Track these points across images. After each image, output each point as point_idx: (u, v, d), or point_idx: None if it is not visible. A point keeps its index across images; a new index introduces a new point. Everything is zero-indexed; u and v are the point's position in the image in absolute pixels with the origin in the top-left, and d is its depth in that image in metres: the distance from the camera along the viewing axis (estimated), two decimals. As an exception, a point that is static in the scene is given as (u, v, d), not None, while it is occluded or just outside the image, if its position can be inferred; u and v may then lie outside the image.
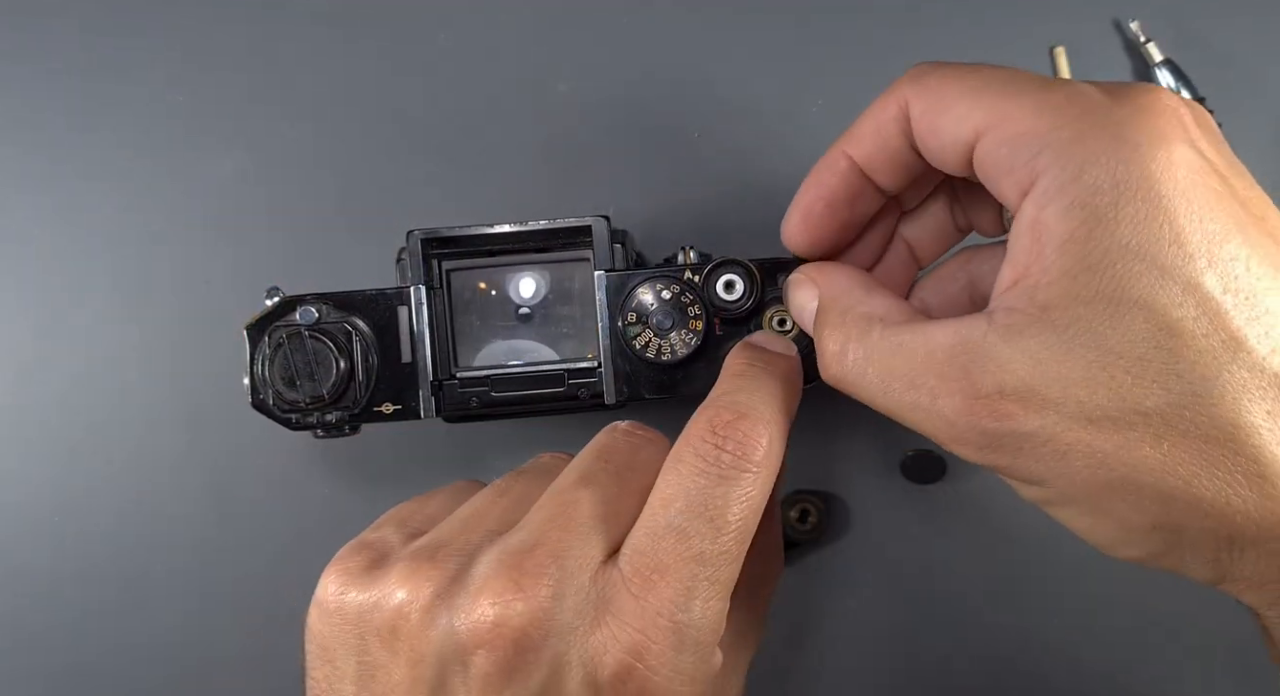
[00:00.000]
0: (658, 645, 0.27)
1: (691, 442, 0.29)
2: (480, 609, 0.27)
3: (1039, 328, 0.26)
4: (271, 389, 0.36)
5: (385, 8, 0.47)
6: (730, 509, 0.28)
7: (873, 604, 0.46)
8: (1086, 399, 0.25)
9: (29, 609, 0.46)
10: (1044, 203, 0.26)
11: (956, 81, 0.28)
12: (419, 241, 0.36)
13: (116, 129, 0.47)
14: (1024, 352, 0.26)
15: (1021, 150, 0.26)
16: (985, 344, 0.26)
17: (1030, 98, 0.27)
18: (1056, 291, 0.25)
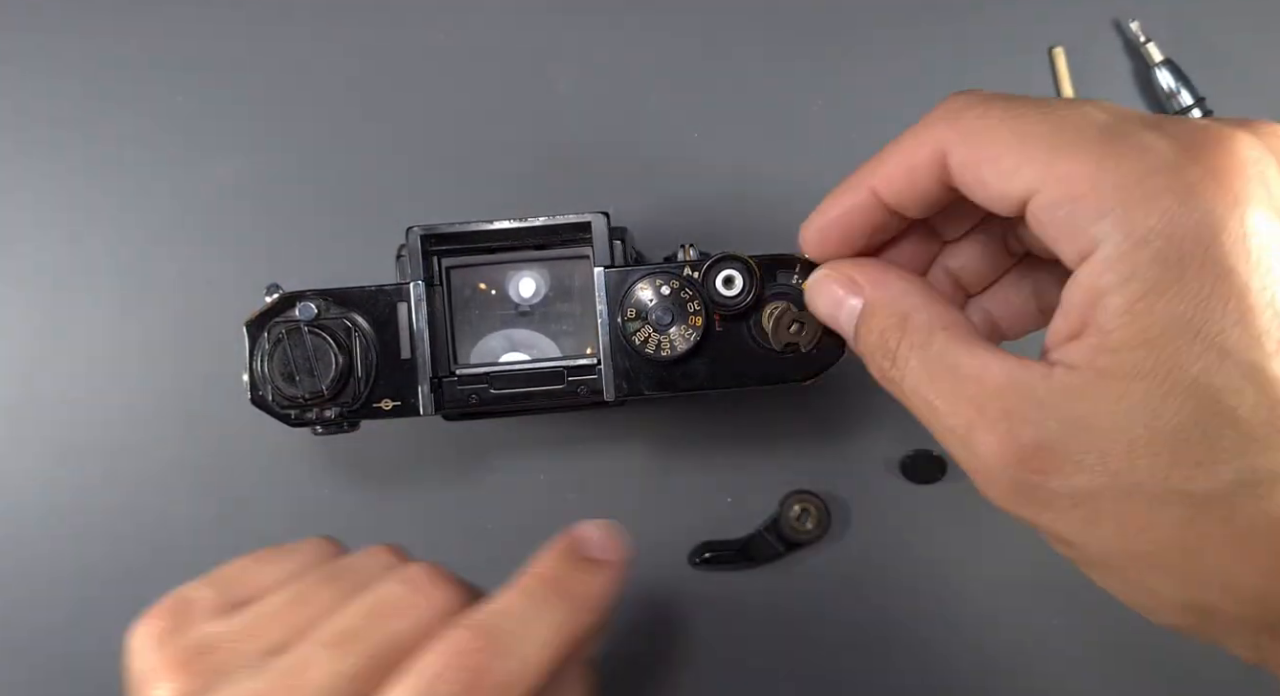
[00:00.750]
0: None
1: (434, 647, 0.27)
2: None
3: (1088, 391, 0.25)
4: (271, 385, 0.36)
5: (385, 7, 0.47)
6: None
7: (873, 604, 0.45)
8: (1124, 471, 0.24)
9: (29, 609, 0.45)
10: (1103, 270, 0.24)
11: (1001, 128, 0.26)
12: (419, 238, 0.36)
13: (117, 129, 0.47)
14: (1069, 412, 0.25)
15: (1080, 216, 0.24)
16: (1035, 394, 0.25)
17: (1088, 154, 0.24)
18: (1110, 361, 0.24)
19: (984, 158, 0.26)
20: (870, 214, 0.30)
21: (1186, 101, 0.45)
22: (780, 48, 0.47)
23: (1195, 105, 0.45)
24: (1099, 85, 0.47)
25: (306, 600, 0.30)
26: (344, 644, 0.27)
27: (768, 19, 0.47)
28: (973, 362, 0.27)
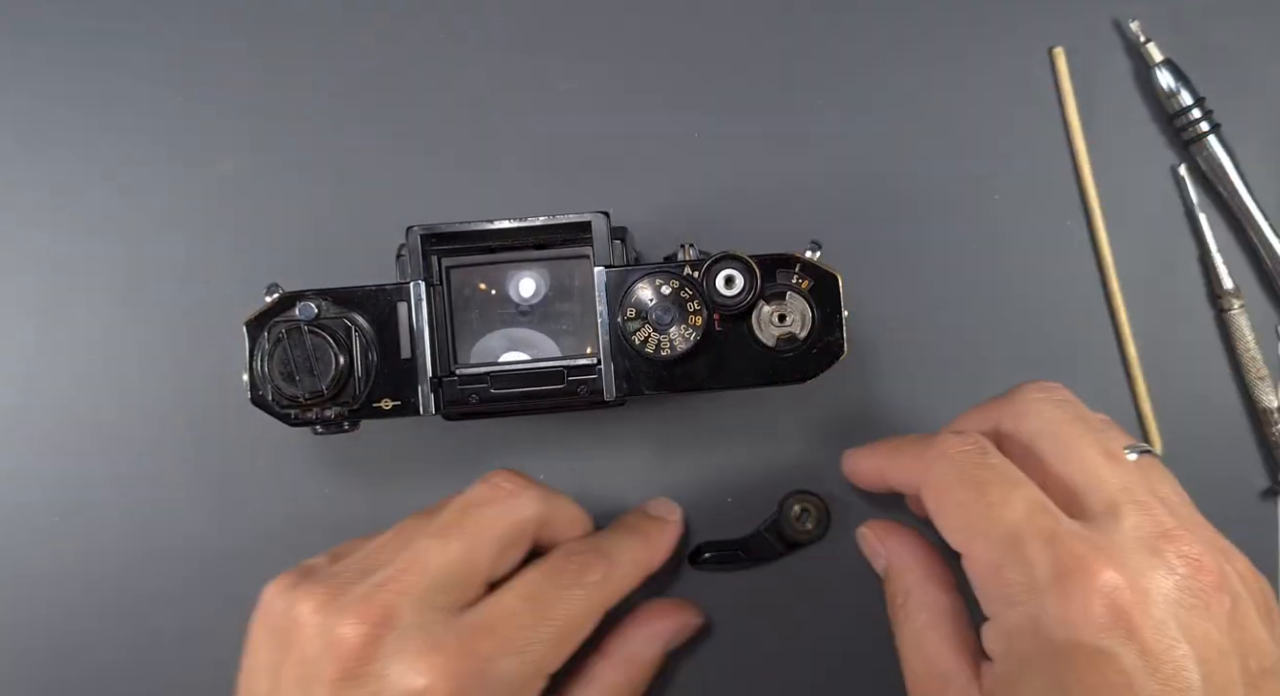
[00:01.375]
0: (467, 680, 0.32)
1: (552, 554, 0.37)
2: (340, 624, 0.33)
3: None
4: (271, 384, 0.36)
5: (385, 6, 0.47)
6: (555, 606, 0.35)
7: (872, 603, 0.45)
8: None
9: (29, 609, 0.45)
10: (990, 639, 0.32)
11: (950, 497, 0.34)
12: (419, 237, 0.36)
13: (116, 128, 0.47)
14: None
15: (982, 594, 0.32)
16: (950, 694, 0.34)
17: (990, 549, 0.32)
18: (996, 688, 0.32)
19: (936, 513, 0.34)
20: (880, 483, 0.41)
21: (1186, 101, 0.45)
22: (781, 48, 0.47)
23: (1195, 105, 0.45)
24: (1099, 85, 0.47)
25: (406, 530, 0.37)
26: (447, 532, 0.35)
27: (768, 19, 0.47)
28: (931, 649, 0.36)
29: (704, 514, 0.45)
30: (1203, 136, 0.45)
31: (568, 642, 0.36)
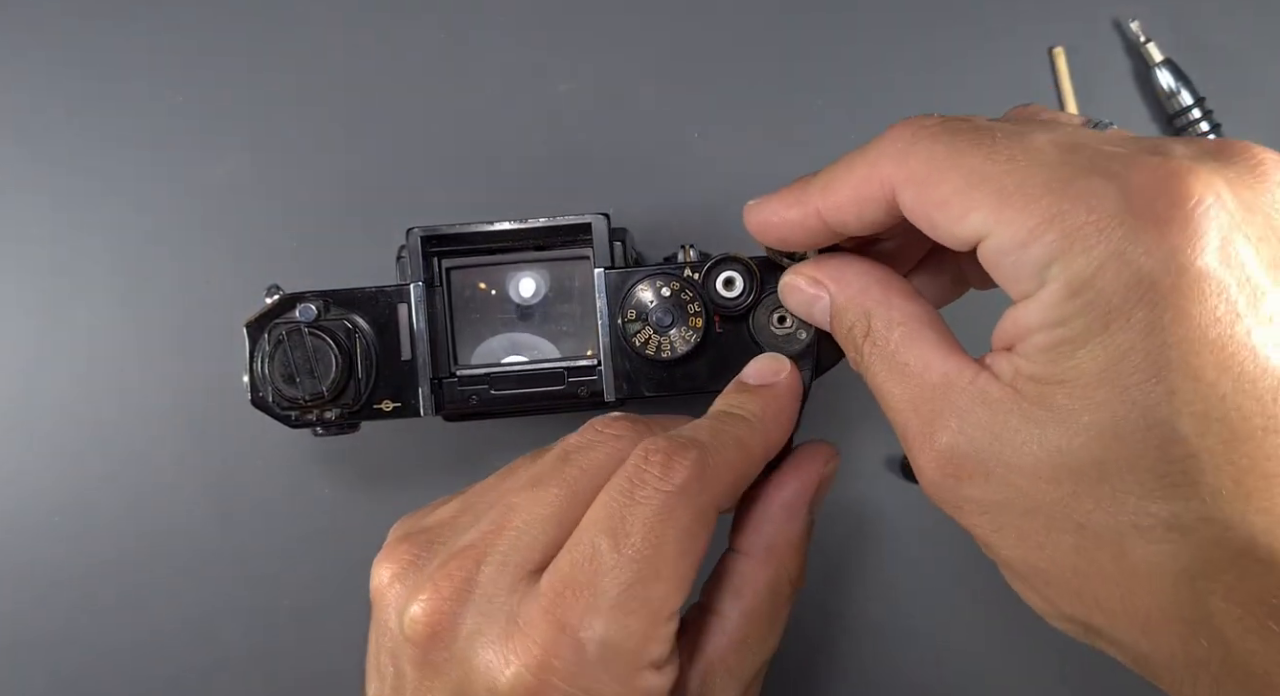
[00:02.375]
0: (560, 661, 0.27)
1: (624, 465, 0.30)
2: (412, 600, 0.29)
3: (1006, 408, 0.26)
4: (271, 386, 0.36)
5: (385, 6, 0.47)
6: (650, 529, 0.28)
7: (872, 603, 0.46)
8: (1027, 490, 0.25)
9: (29, 609, 0.45)
10: (1036, 313, 0.25)
11: (948, 169, 0.26)
12: (419, 239, 0.36)
13: (116, 129, 0.47)
14: (985, 424, 0.26)
15: (1025, 264, 0.25)
16: (961, 399, 0.27)
17: (1034, 202, 0.25)
18: (1031, 389, 0.25)
19: (932, 201, 0.26)
20: (811, 231, 0.31)
21: (1186, 101, 0.45)
22: (781, 48, 0.47)
23: (1195, 105, 0.45)
24: (1099, 85, 0.47)
25: (508, 474, 0.33)
26: (537, 485, 0.30)
27: (768, 19, 0.47)
28: (918, 361, 0.28)
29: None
30: (1203, 136, 0.45)
31: (674, 570, 0.28)
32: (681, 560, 0.28)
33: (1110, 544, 0.25)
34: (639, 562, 0.28)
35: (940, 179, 0.26)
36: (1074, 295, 0.24)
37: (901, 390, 0.28)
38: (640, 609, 0.28)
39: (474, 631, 0.28)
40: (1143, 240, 0.23)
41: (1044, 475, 0.25)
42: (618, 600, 0.27)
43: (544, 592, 0.28)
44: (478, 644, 0.28)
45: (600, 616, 0.27)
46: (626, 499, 0.28)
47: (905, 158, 0.27)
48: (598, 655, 0.27)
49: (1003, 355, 0.26)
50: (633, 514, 0.28)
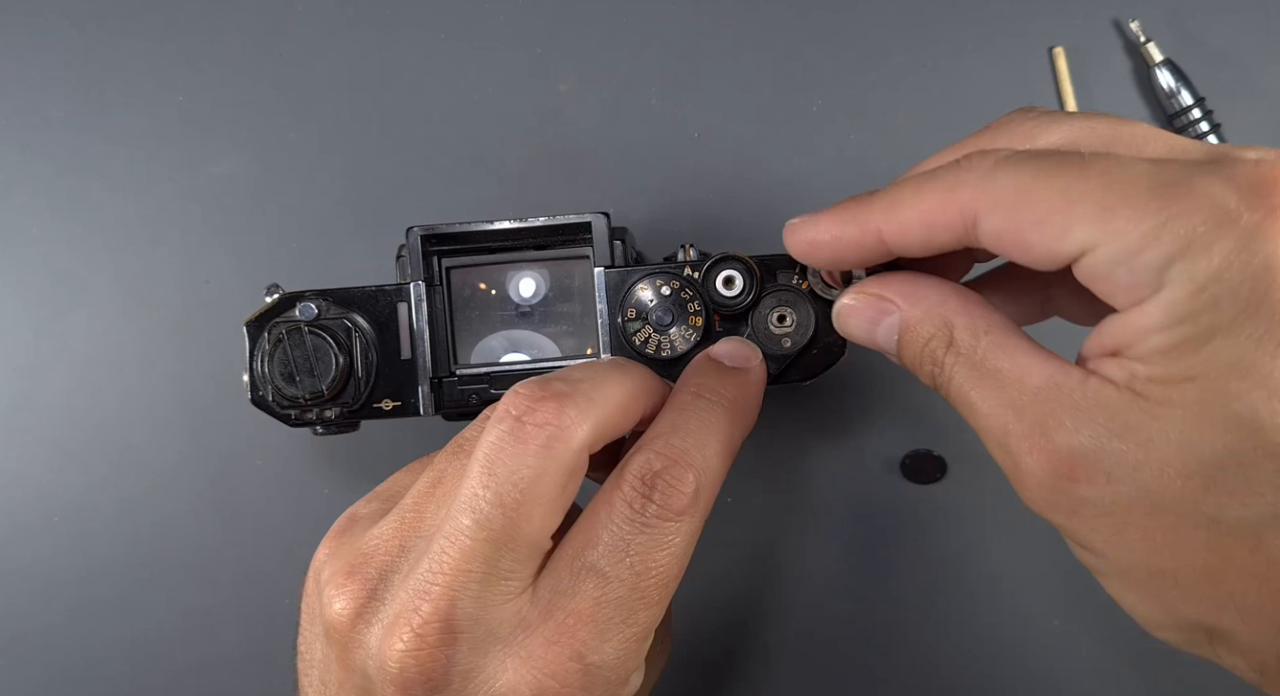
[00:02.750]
0: (568, 688, 0.28)
1: (621, 487, 0.29)
2: (390, 645, 0.28)
3: (1127, 408, 0.25)
4: (271, 385, 0.35)
5: (385, 7, 0.47)
6: (652, 556, 0.28)
7: (872, 604, 0.45)
8: (1155, 488, 0.25)
9: (29, 609, 0.45)
10: (1155, 314, 0.25)
11: (1040, 191, 0.26)
12: (419, 238, 0.36)
13: (116, 129, 0.47)
14: (1105, 424, 0.25)
15: (1141, 271, 0.24)
16: (1073, 400, 0.26)
17: (1143, 208, 0.24)
18: (1156, 387, 0.25)
19: (1026, 223, 0.26)
20: (867, 250, 0.30)
21: (1186, 101, 0.45)
22: (781, 48, 0.47)
23: (1195, 105, 0.45)
24: (1099, 85, 0.47)
25: (440, 480, 0.31)
26: (477, 507, 0.28)
27: (768, 19, 0.47)
28: (1014, 366, 0.27)
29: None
30: (1203, 136, 0.45)
31: (671, 591, 0.29)
32: (676, 582, 0.29)
33: (1248, 537, 0.24)
34: (642, 589, 0.28)
35: (1033, 200, 0.26)
36: (1199, 291, 0.24)
37: (997, 396, 0.27)
38: (643, 633, 0.29)
39: (469, 671, 0.28)
40: (1263, 233, 0.23)
41: (1173, 471, 0.24)
42: (624, 625, 0.28)
43: (546, 623, 0.28)
44: (475, 682, 0.28)
45: (608, 642, 0.28)
46: (632, 528, 0.28)
47: (989, 184, 0.27)
48: (602, 677, 0.28)
49: (1111, 361, 0.26)
50: (637, 542, 0.28)
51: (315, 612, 0.31)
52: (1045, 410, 0.26)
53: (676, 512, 0.29)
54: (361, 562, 0.30)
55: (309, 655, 0.31)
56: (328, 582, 0.30)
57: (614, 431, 0.31)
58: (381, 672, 0.28)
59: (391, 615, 0.28)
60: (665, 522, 0.28)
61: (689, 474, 0.29)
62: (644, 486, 0.29)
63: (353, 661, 0.29)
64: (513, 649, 0.28)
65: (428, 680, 0.27)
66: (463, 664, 0.28)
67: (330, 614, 0.29)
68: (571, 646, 0.27)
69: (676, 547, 0.29)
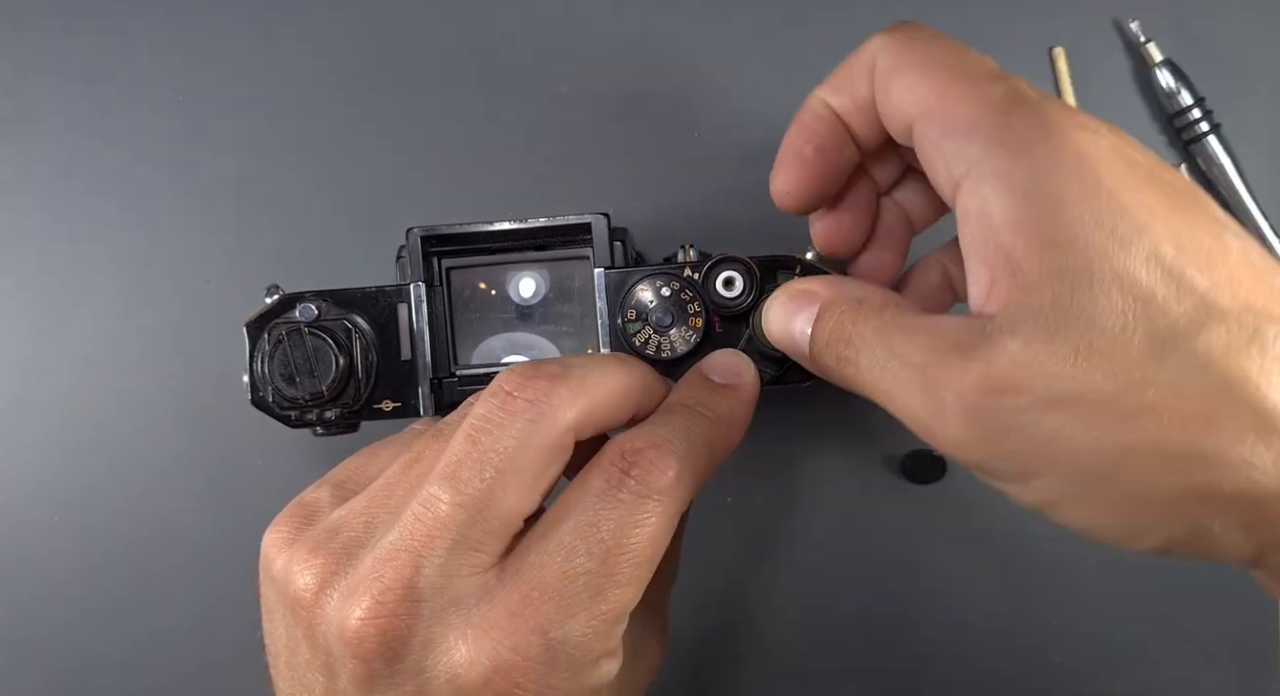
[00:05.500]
0: (528, 662, 0.27)
1: (599, 462, 0.29)
2: (349, 613, 0.27)
3: (1026, 312, 0.25)
4: (271, 386, 0.36)
5: (385, 7, 0.47)
6: (625, 533, 0.28)
7: (872, 604, 0.46)
8: (1080, 376, 0.24)
9: (29, 608, 0.45)
10: (984, 193, 0.26)
11: (918, 49, 0.29)
12: (419, 239, 0.36)
13: (116, 129, 0.47)
14: (1014, 334, 0.25)
15: (953, 137, 0.27)
16: (985, 332, 0.26)
17: (971, 87, 0.27)
18: (1031, 274, 0.25)
19: (896, 68, 0.29)
20: (829, 125, 0.32)
21: (1186, 101, 0.45)
22: (780, 48, 0.47)
23: (1195, 105, 0.45)
24: (1099, 85, 0.46)
25: (418, 460, 0.30)
26: (458, 473, 0.28)
27: (767, 19, 0.47)
28: (922, 321, 0.28)
29: (704, 514, 0.45)
30: (1203, 136, 0.45)
31: (642, 573, 0.28)
32: (649, 565, 0.28)
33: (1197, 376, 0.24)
34: (612, 566, 0.27)
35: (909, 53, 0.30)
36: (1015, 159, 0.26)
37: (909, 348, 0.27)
38: (609, 611, 0.28)
39: (429, 640, 0.27)
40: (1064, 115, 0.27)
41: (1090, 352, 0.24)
42: (591, 602, 0.27)
43: (510, 594, 0.27)
44: (436, 652, 0.27)
45: (574, 618, 0.27)
46: (608, 506, 0.28)
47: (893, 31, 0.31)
48: (566, 656, 0.27)
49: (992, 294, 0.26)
50: (609, 517, 0.28)
51: (273, 597, 0.30)
52: (962, 343, 0.26)
53: (655, 490, 0.28)
54: (326, 539, 0.29)
55: (274, 644, 0.31)
56: (292, 560, 0.29)
57: (604, 420, 0.30)
58: (340, 642, 0.27)
59: (352, 584, 0.28)
60: (642, 499, 0.28)
61: (671, 458, 0.29)
62: (623, 461, 0.29)
63: (316, 638, 0.28)
64: (474, 619, 0.27)
65: (386, 648, 0.27)
66: (422, 633, 0.27)
67: (295, 589, 0.29)
68: (535, 619, 0.27)
69: (652, 527, 0.28)
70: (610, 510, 0.28)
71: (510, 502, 0.28)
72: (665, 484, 0.28)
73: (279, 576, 0.29)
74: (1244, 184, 0.45)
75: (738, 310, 0.35)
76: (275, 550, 0.30)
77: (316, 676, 0.29)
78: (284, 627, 0.30)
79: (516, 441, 0.28)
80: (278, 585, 0.30)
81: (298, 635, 0.29)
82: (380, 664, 0.27)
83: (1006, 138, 0.26)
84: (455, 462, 0.28)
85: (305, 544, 0.29)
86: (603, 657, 0.28)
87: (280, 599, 0.30)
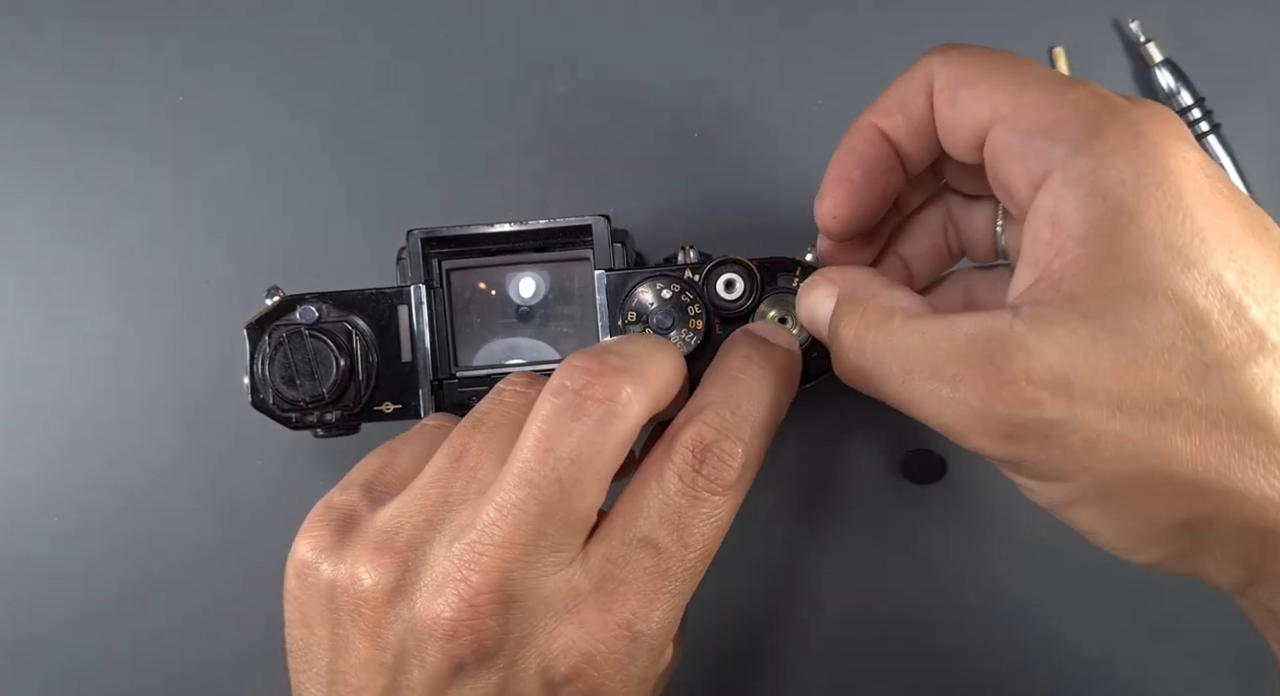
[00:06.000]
0: (616, 654, 0.28)
1: (672, 457, 0.29)
2: (437, 609, 0.27)
3: (1066, 317, 0.25)
4: (271, 388, 0.36)
5: (385, 7, 0.47)
6: (698, 528, 0.29)
7: (872, 603, 0.46)
8: (1116, 388, 0.24)
9: (29, 608, 0.46)
10: (1063, 195, 0.26)
11: (982, 61, 0.29)
12: (419, 240, 0.36)
13: (116, 129, 0.47)
14: (1052, 341, 0.25)
15: (1037, 140, 0.27)
16: (1013, 333, 0.26)
17: (1051, 92, 0.27)
18: (1084, 282, 0.25)
19: (962, 81, 0.29)
20: (878, 149, 0.32)
21: (1186, 101, 0.45)
22: (780, 48, 0.47)
23: (1195, 105, 0.45)
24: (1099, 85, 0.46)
25: (463, 454, 0.31)
26: (533, 482, 0.28)
27: (768, 20, 0.47)
28: (939, 325, 0.28)
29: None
30: (1203, 136, 0.45)
31: (709, 562, 0.30)
32: (714, 554, 0.30)
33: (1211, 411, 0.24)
34: (687, 558, 0.29)
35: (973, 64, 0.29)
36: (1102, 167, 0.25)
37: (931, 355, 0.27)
38: (684, 601, 0.29)
39: (521, 638, 0.28)
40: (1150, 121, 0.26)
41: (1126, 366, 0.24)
42: (671, 595, 0.29)
43: (596, 590, 0.28)
44: (527, 649, 0.28)
45: (655, 610, 0.28)
46: (683, 500, 0.29)
47: (947, 49, 0.30)
48: (647, 645, 0.28)
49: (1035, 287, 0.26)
50: (687, 513, 0.29)
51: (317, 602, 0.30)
52: (989, 350, 0.26)
53: (724, 487, 0.29)
54: (387, 540, 0.29)
55: (307, 651, 0.31)
56: (353, 562, 0.29)
57: (663, 408, 0.31)
58: (425, 642, 0.28)
59: (434, 584, 0.28)
60: (713, 496, 0.29)
61: (738, 447, 0.29)
62: (695, 458, 0.29)
63: (384, 637, 0.28)
64: (565, 616, 0.28)
65: (479, 647, 0.27)
66: (516, 632, 0.28)
67: (361, 591, 0.29)
68: (622, 614, 0.28)
69: (720, 520, 0.29)
70: (687, 506, 0.29)
71: (588, 502, 0.28)
72: (734, 479, 0.29)
73: (334, 579, 0.29)
74: (1244, 184, 0.45)
75: (738, 312, 0.35)
76: (319, 554, 0.30)
77: (375, 676, 0.29)
78: (329, 629, 0.30)
79: (590, 444, 0.28)
80: (332, 588, 0.29)
81: (353, 634, 0.29)
82: (471, 660, 0.28)
83: (1094, 144, 0.26)
84: (529, 468, 0.28)
85: (363, 545, 0.29)
86: (669, 645, 0.30)
87: (334, 601, 0.29)
